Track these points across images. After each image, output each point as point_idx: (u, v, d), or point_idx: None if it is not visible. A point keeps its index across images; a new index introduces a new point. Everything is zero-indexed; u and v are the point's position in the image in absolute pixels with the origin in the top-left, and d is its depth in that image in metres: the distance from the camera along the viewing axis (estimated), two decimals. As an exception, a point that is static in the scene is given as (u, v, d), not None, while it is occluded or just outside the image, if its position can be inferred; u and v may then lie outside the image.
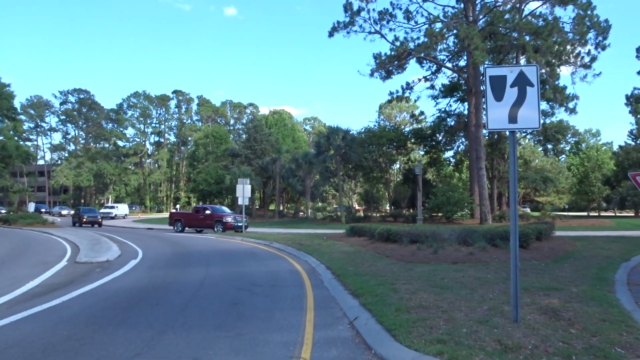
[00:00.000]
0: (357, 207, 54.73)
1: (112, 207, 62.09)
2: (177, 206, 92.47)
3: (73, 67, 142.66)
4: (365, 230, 19.28)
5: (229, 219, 30.07)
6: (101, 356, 5.56)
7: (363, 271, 10.80)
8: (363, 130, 46.90)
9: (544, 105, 40.92)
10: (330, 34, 36.50)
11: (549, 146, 50.08)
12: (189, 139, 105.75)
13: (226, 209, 34.06)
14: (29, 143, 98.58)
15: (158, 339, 6.15)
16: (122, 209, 64.15)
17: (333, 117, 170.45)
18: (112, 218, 57.50)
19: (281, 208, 63.12)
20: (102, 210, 58.36)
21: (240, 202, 28.28)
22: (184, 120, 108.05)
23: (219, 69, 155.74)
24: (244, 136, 70.32)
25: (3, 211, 61.02)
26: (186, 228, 32.01)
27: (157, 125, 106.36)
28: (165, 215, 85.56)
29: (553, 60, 32.28)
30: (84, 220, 39.36)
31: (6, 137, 55.66)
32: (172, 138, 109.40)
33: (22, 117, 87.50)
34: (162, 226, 40.74)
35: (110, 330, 6.58)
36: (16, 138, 60.58)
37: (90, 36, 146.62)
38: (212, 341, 6.06)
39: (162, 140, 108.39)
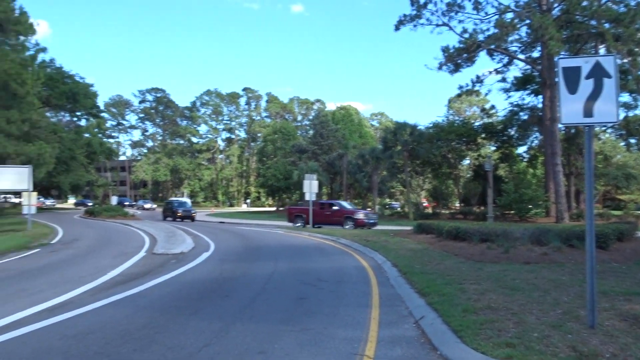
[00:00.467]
0: (425, 204, 53.89)
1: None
2: (248, 201, 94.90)
3: (150, 67, 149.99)
4: (433, 227, 18.86)
5: (361, 216, 28.12)
6: (174, 345, 5.75)
7: (430, 269, 10.60)
8: (431, 125, 46.10)
9: (625, 98, 38.41)
10: (397, 28, 35.98)
11: (632, 141, 46.92)
12: (258, 135, 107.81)
13: (349, 205, 32.05)
14: (111, 140, 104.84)
15: (226, 331, 6.28)
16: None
17: (400, 113, 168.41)
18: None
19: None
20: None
21: (307, 197, 28.41)
22: (254, 117, 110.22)
23: (287, 66, 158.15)
24: (311, 132, 70.82)
25: (90, 204, 65.21)
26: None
27: (228, 122, 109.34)
28: (237, 209, 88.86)
29: (636, 49, 30.12)
30: (178, 214, 37.56)
31: (91, 134, 59.13)
32: (242, 134, 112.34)
33: (105, 115, 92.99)
34: (233, 220, 41.92)
35: (183, 320, 6.78)
36: (100, 135, 64.26)
37: (165, 37, 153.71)
38: (278, 335, 6.12)
39: (232, 136, 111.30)
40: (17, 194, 50.14)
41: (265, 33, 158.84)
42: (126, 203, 75.58)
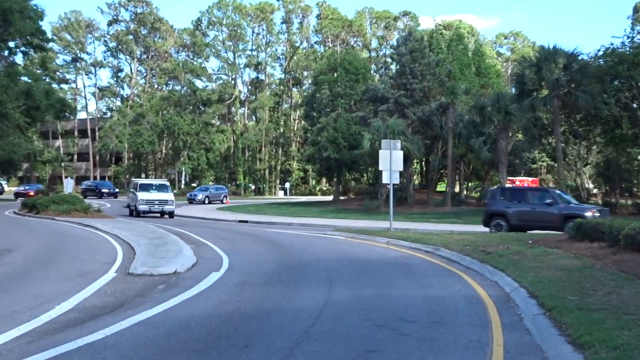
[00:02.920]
0: (591, 189, 52.65)
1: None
2: (287, 185, 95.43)
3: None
4: (603, 229, 18.44)
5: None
6: None
7: (595, 303, 10.44)
8: (601, 53, 45.16)
9: None
10: None
11: None
12: (305, 74, 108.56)
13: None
14: (64, 86, 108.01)
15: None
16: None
17: (547, 33, 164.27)
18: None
19: (457, 189, 62.56)
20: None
21: (385, 179, 28.48)
22: (296, 44, 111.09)
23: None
24: (393, 68, 70.07)
25: (32, 192, 67.35)
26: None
27: (254, 53, 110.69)
28: (269, 199, 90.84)
29: None
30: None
31: (32, 77, 59.66)
32: (278, 73, 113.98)
33: (54, 45, 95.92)
34: (261, 217, 42.66)
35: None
36: (46, 78, 64.94)
37: None
38: None
39: (261, 77, 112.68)
40: None
41: None
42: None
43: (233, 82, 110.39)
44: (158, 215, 44.14)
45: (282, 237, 26.21)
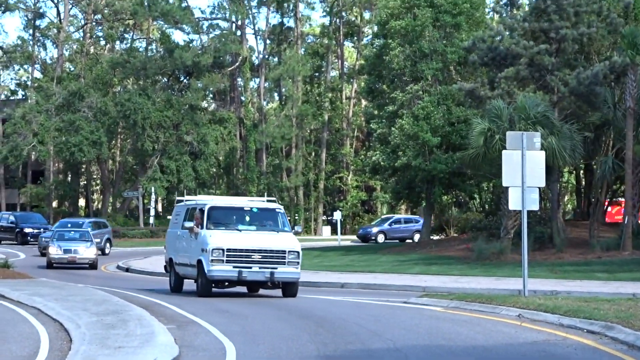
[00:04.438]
0: None
1: None
2: (337, 215, 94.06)
3: None
4: None
5: None
6: None
7: None
8: None
9: None
10: None
11: None
12: (365, 17, 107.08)
13: None
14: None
15: None
16: None
17: None
18: None
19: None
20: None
21: (513, 203, 27.96)
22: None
23: None
24: (523, 3, 69.09)
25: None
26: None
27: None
28: (306, 239, 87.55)
29: None
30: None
31: None
32: (318, 17, 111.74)
33: None
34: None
35: None
36: None
37: None
38: None
39: (289, 23, 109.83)
40: None
41: None
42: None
43: (239, 32, 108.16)
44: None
45: (332, 309, 25.93)
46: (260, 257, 32.38)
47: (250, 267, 32.02)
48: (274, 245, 32.64)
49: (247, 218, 34.24)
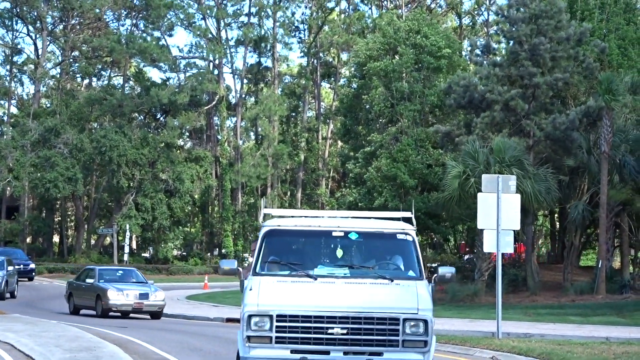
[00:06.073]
0: None
1: None
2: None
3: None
4: None
5: None
6: None
7: None
8: None
9: None
10: None
11: None
12: (342, 57, 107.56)
13: None
14: None
15: None
16: None
17: None
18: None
19: (617, 264, 61.96)
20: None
21: (488, 245, 28.62)
22: (329, 3, 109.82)
23: None
24: (500, 46, 69.30)
25: None
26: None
27: (254, 19, 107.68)
28: None
29: None
30: None
31: None
32: (296, 57, 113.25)
33: None
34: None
35: None
36: None
37: None
38: None
39: (267, 63, 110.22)
40: None
41: None
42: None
43: (216, 71, 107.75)
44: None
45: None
46: (345, 330, 14.84)
47: (328, 353, 14.83)
48: (378, 306, 15.06)
49: (340, 252, 17.38)
